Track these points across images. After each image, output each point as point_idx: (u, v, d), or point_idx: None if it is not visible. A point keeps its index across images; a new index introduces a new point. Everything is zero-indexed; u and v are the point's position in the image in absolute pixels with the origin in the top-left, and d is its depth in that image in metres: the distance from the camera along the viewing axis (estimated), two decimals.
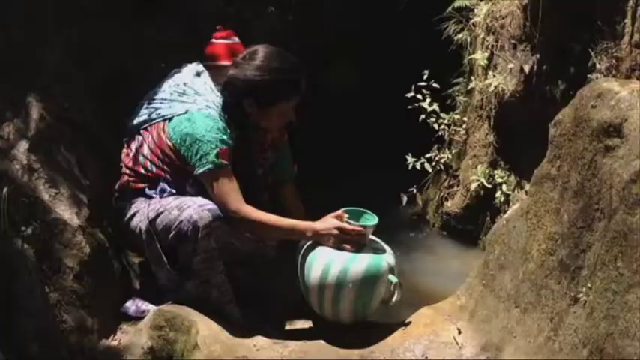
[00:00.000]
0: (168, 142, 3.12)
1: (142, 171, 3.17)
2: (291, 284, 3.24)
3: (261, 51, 3.14)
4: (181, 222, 2.98)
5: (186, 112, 3.11)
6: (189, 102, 3.15)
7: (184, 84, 3.21)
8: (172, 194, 3.11)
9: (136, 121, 3.24)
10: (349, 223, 3.08)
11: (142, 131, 3.20)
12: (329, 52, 4.61)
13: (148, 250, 3.10)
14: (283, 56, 3.16)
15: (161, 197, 3.11)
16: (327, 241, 3.08)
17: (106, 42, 3.63)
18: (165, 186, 3.13)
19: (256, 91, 3.10)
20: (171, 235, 3.01)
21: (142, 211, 3.11)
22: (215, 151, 3.03)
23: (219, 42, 3.30)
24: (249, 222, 3.08)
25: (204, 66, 3.27)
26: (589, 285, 2.42)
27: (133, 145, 3.22)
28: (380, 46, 4.60)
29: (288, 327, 3.23)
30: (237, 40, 3.35)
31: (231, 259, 3.16)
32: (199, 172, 3.05)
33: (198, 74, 3.24)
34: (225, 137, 3.07)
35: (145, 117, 3.21)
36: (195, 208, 2.98)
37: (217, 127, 3.07)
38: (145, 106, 3.24)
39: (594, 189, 2.51)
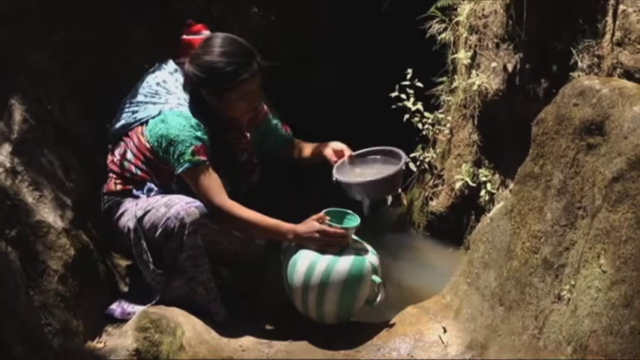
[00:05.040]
0: (147, 145, 3.13)
1: (128, 175, 3.19)
2: (277, 284, 3.24)
3: (210, 41, 3.16)
4: (168, 219, 2.98)
5: (159, 114, 3.12)
6: (161, 102, 3.16)
7: (157, 84, 3.21)
8: (160, 192, 3.12)
9: (116, 127, 3.25)
10: (330, 226, 3.09)
11: (123, 137, 3.21)
12: (312, 52, 4.60)
13: (135, 249, 3.09)
14: (231, 41, 3.16)
15: (148, 196, 3.12)
16: (309, 245, 3.09)
17: (91, 43, 3.61)
18: (152, 185, 3.14)
19: (209, 80, 3.12)
20: (159, 232, 3.01)
21: (129, 210, 3.12)
22: (190, 149, 3.04)
23: (190, 37, 3.28)
24: (232, 218, 3.08)
25: (177, 64, 3.27)
26: (573, 283, 2.43)
27: (117, 151, 3.23)
28: (363, 45, 4.60)
29: (273, 327, 3.23)
30: (208, 33, 3.34)
31: (216, 259, 3.16)
32: (179, 171, 3.07)
33: (171, 73, 3.24)
34: (199, 133, 3.08)
35: (123, 122, 3.22)
36: (182, 205, 2.99)
37: (190, 125, 3.07)
38: (123, 110, 3.24)
39: (577, 187, 2.52)
